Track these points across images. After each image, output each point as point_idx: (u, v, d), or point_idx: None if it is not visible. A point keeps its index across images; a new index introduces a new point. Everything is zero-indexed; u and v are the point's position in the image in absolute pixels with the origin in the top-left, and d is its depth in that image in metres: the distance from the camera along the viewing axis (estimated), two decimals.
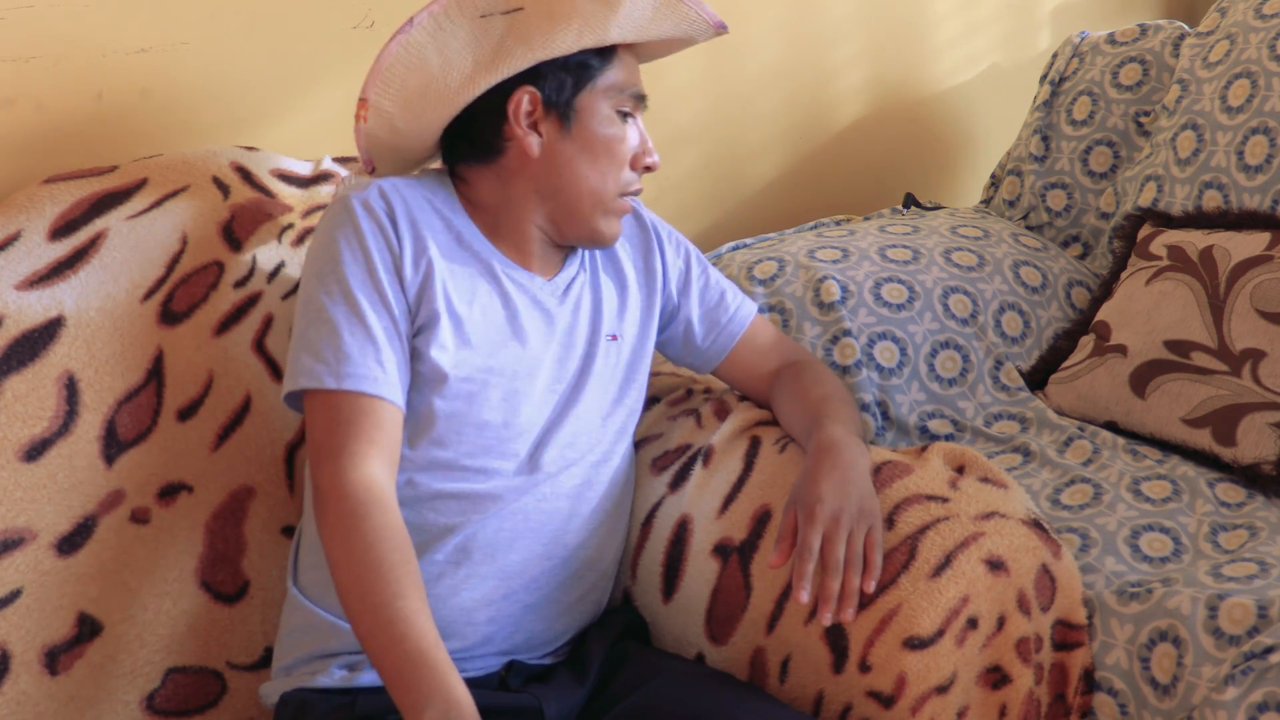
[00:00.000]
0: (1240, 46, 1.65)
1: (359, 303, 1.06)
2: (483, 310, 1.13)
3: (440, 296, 1.10)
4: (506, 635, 1.13)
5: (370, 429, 1.03)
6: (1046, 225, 1.88)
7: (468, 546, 1.10)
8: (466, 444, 1.11)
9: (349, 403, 1.03)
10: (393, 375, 1.06)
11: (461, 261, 1.13)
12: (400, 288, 1.09)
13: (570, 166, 1.13)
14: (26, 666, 1.10)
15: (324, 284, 1.08)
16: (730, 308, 1.31)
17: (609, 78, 1.13)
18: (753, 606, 1.14)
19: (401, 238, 1.10)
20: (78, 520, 1.14)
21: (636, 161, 1.17)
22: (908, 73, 2.15)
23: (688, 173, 1.92)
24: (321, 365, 1.04)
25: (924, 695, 1.02)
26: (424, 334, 1.09)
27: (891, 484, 1.14)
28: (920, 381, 1.56)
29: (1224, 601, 1.08)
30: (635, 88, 1.15)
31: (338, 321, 1.05)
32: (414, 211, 1.12)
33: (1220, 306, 1.44)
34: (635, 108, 1.16)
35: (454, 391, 1.10)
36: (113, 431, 1.16)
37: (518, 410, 1.13)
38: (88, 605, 1.14)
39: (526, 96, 1.11)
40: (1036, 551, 1.09)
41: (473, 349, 1.11)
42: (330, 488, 1.01)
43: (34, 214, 1.18)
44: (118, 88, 1.32)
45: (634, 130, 1.16)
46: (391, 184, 1.13)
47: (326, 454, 1.03)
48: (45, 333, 1.13)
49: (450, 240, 1.14)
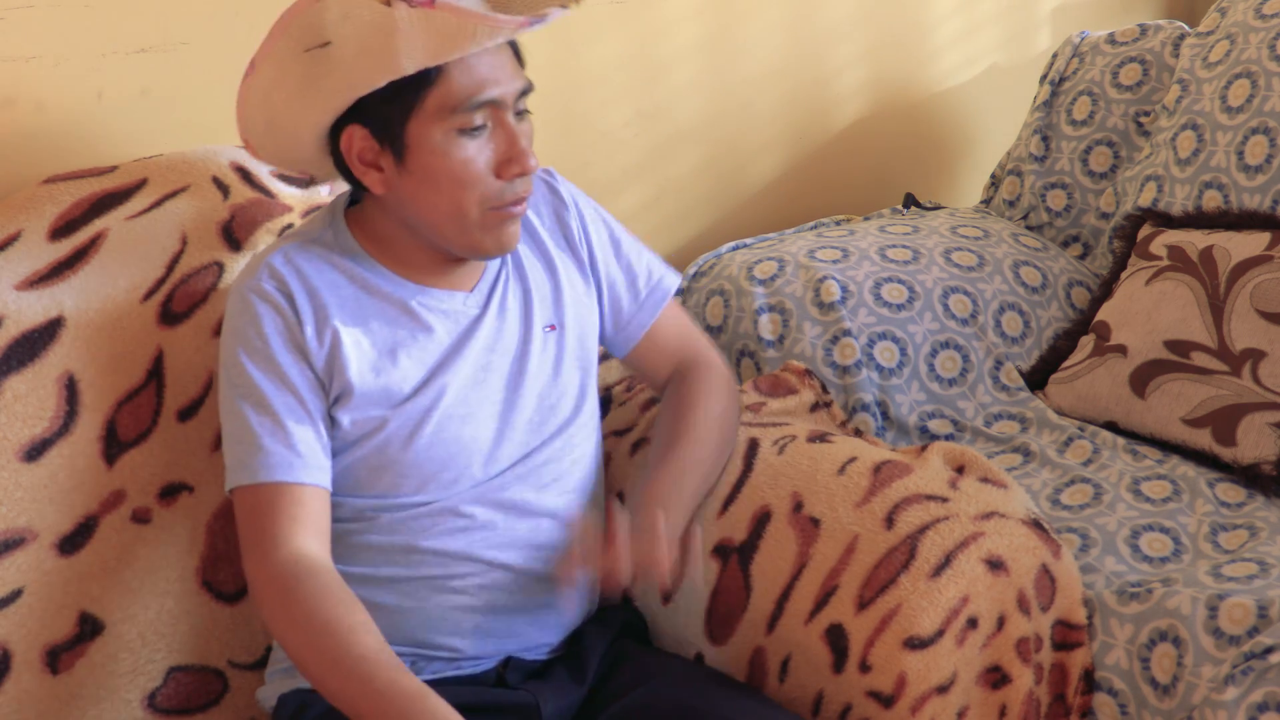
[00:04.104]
0: (1240, 46, 1.65)
1: (263, 391, 1.05)
2: (406, 353, 1.10)
3: (352, 365, 1.07)
4: (499, 637, 1.12)
5: (290, 509, 1.02)
6: (1046, 225, 1.88)
7: (443, 561, 1.10)
8: (415, 479, 1.09)
9: (267, 493, 1.03)
10: (309, 456, 1.04)
11: (373, 313, 1.10)
12: (306, 363, 1.06)
13: (416, 200, 1.06)
14: (28, 666, 1.10)
15: (230, 379, 1.07)
16: (655, 276, 1.27)
17: (438, 99, 1.02)
18: (753, 606, 1.14)
19: (300, 311, 1.07)
20: (79, 520, 1.14)
21: (502, 171, 1.06)
22: (908, 73, 2.15)
23: (688, 173, 1.92)
24: (238, 463, 1.04)
25: (924, 695, 1.02)
26: (342, 403, 1.07)
27: (891, 483, 1.14)
28: (920, 381, 1.56)
29: (1224, 601, 1.08)
30: (479, 95, 1.03)
31: (246, 415, 1.04)
32: (311, 279, 1.08)
33: (1220, 306, 1.44)
34: (490, 114, 1.05)
35: (389, 440, 1.08)
36: (113, 431, 1.16)
37: (460, 434, 1.11)
38: (89, 605, 1.14)
39: (357, 135, 1.05)
40: (1036, 551, 1.09)
41: (400, 396, 1.09)
42: (257, 573, 1.01)
43: (34, 214, 1.18)
44: (118, 88, 1.32)
45: (489, 143, 1.05)
46: (284, 257, 1.09)
47: (250, 545, 1.03)
48: (45, 333, 1.13)
49: (356, 294, 1.10)
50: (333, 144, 1.07)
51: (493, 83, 1.04)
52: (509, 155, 1.05)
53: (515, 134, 1.06)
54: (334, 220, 1.14)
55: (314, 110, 1.04)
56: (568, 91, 1.74)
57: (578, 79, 1.75)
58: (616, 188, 1.84)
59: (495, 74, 1.04)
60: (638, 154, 1.85)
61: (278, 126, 1.07)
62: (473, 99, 1.03)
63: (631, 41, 1.78)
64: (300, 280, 1.08)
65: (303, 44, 1.02)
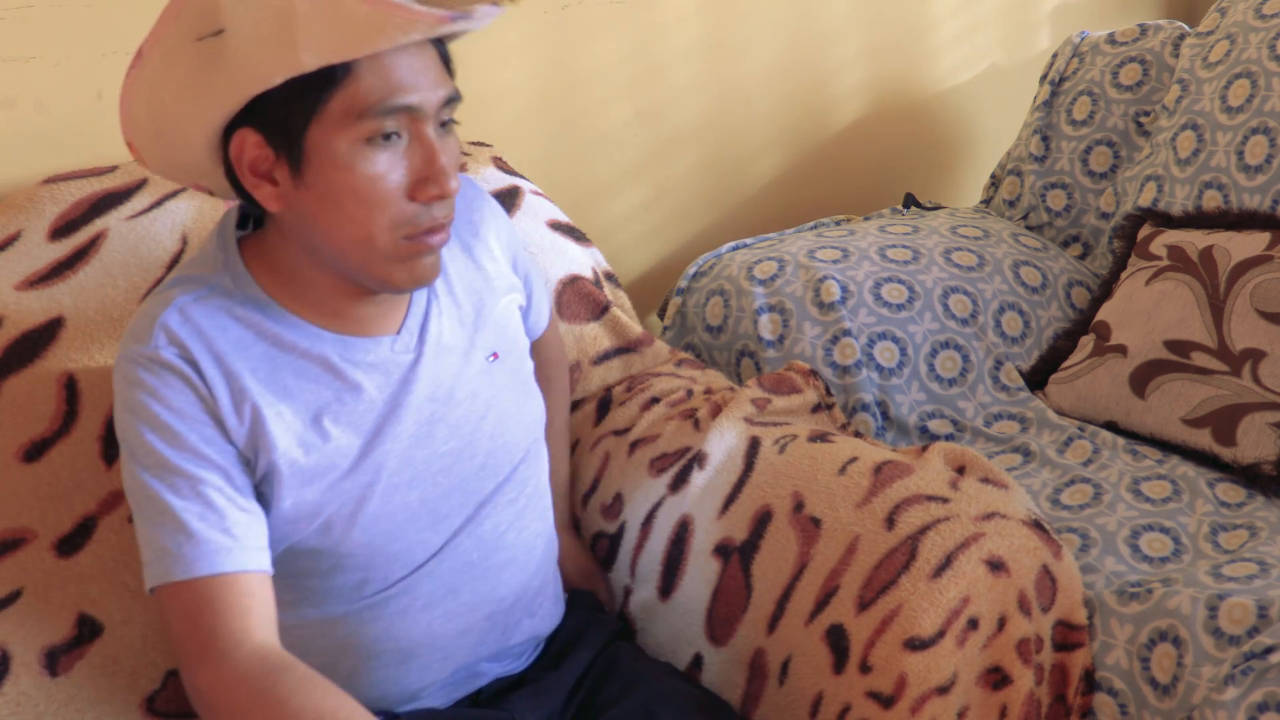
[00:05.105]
0: (1240, 46, 1.65)
1: (181, 469, 0.89)
2: (334, 420, 0.96)
3: (279, 443, 0.93)
4: (468, 681, 1.10)
5: (240, 601, 0.88)
6: (1046, 225, 1.88)
7: (409, 602, 1.03)
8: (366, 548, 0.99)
9: (211, 588, 0.88)
10: (246, 537, 0.90)
11: (289, 374, 0.95)
12: (225, 439, 0.92)
13: (316, 221, 0.90)
14: (26, 667, 1.10)
15: (136, 458, 0.91)
16: (540, 298, 1.22)
17: (344, 101, 0.86)
18: (753, 607, 1.14)
19: (210, 383, 0.91)
20: (78, 520, 1.13)
21: (416, 192, 0.90)
22: (908, 73, 2.15)
23: (687, 172, 1.92)
24: (165, 554, 0.88)
25: (924, 696, 1.02)
26: (271, 482, 0.94)
27: (892, 484, 1.14)
28: (920, 381, 1.56)
29: (1224, 601, 1.08)
30: (395, 99, 0.87)
31: (165, 498, 0.89)
32: (214, 342, 0.92)
33: (1220, 306, 1.44)
34: (407, 123, 0.89)
35: (337, 516, 0.97)
36: (113, 432, 1.15)
37: (412, 487, 1.00)
38: (88, 606, 1.14)
39: (249, 141, 0.89)
40: (1037, 552, 1.09)
41: (335, 475, 0.97)
42: (216, 679, 0.86)
43: (34, 214, 1.18)
44: (118, 88, 1.31)
45: (403, 158, 0.89)
46: (180, 315, 0.92)
47: (199, 649, 0.88)
48: (45, 333, 1.13)
49: (267, 351, 0.95)
50: (224, 151, 0.92)
51: (410, 88, 0.88)
52: (425, 174, 0.89)
53: (435, 150, 0.89)
54: (227, 257, 0.97)
55: (204, 109, 0.88)
56: (568, 91, 1.74)
57: (578, 79, 1.75)
58: (616, 187, 1.84)
59: (414, 78, 0.88)
60: (638, 154, 1.85)
61: (166, 128, 0.91)
62: (384, 103, 0.87)
63: (631, 41, 1.78)
64: (203, 343, 0.92)
65: (195, 31, 0.86)
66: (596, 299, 1.44)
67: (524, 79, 1.69)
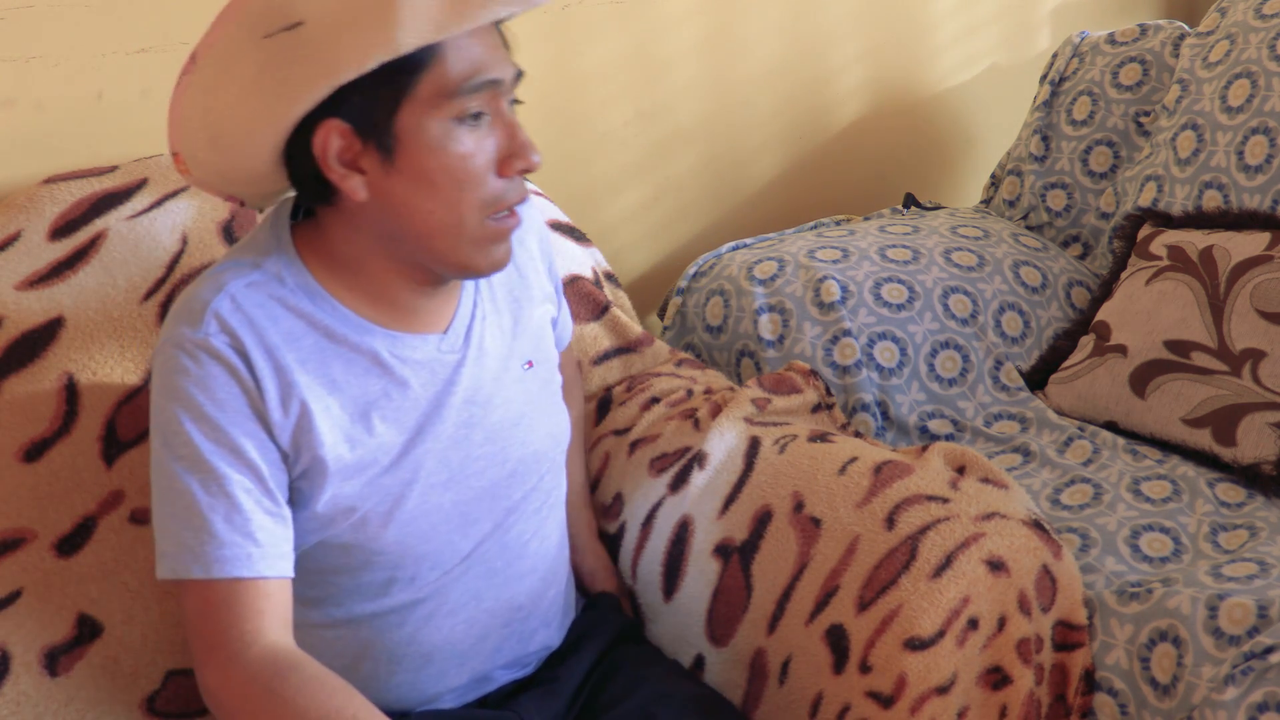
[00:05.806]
0: (1240, 46, 1.65)
1: (214, 467, 0.89)
2: (381, 416, 0.96)
3: (326, 439, 0.93)
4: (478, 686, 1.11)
5: (255, 604, 0.89)
6: (1046, 225, 1.88)
7: (435, 607, 1.04)
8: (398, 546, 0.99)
9: (223, 590, 0.88)
10: (270, 543, 0.90)
11: (339, 367, 0.95)
12: (268, 435, 0.91)
13: (407, 205, 0.91)
14: (26, 668, 1.10)
15: (169, 445, 0.90)
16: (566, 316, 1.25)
17: (432, 83, 0.88)
18: (754, 607, 1.14)
19: (259, 375, 0.91)
20: (78, 520, 1.13)
21: (504, 168, 0.92)
22: (908, 73, 2.15)
23: (687, 172, 1.92)
24: (185, 549, 0.88)
25: (924, 696, 1.02)
26: (311, 477, 0.94)
27: (892, 484, 1.14)
28: (920, 381, 1.56)
29: (1224, 601, 1.08)
30: (480, 76, 0.89)
31: (194, 492, 0.88)
32: (266, 332, 0.92)
33: (1220, 306, 1.44)
34: (489, 100, 0.91)
35: (373, 513, 0.97)
36: (113, 431, 1.15)
37: (441, 502, 1.01)
38: (88, 606, 1.14)
39: (334, 132, 0.89)
40: (1037, 552, 1.09)
41: (376, 470, 0.97)
42: (225, 677, 0.87)
43: (34, 214, 1.18)
44: (118, 88, 1.32)
45: (489, 134, 0.91)
46: (232, 302, 0.92)
47: (211, 646, 0.88)
48: (45, 333, 1.13)
49: (318, 343, 0.94)
50: (289, 150, 0.91)
51: (491, 64, 0.90)
52: (511, 149, 0.92)
53: (516, 124, 0.93)
54: (280, 246, 0.96)
55: (278, 106, 0.87)
56: (568, 91, 1.74)
57: (578, 79, 1.75)
58: (616, 187, 1.84)
59: (492, 55, 0.91)
60: (638, 153, 1.85)
61: (223, 133, 0.91)
62: (470, 81, 0.88)
63: (631, 41, 1.78)
64: (254, 334, 0.92)
65: (260, 30, 0.86)
66: (596, 299, 1.44)
67: (524, 79, 1.69)
